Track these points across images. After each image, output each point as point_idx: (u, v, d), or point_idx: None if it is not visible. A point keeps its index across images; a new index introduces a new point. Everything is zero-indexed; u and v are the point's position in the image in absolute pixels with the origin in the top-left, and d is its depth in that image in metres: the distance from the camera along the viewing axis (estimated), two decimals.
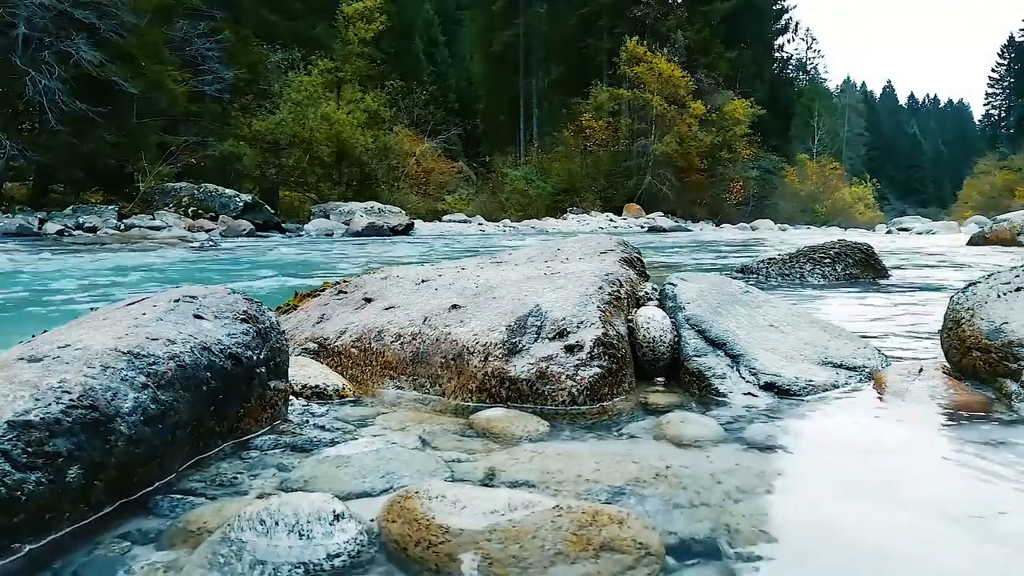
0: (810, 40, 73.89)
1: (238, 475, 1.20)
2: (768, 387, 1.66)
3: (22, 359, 1.11)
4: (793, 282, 4.43)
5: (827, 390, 1.68)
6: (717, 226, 29.70)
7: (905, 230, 20.84)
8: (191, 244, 12.01)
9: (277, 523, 0.87)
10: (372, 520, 0.96)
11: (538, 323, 1.73)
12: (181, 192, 18.41)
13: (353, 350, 1.88)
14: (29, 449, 0.93)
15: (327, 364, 1.86)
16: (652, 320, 1.85)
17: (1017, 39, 73.54)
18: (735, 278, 2.71)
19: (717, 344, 1.81)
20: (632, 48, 34.63)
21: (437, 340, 1.78)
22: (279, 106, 25.74)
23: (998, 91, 78.03)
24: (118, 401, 1.07)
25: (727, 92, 38.18)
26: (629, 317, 1.89)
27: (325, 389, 1.67)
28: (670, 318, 1.89)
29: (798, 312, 2.14)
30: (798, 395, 1.64)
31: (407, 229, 18.57)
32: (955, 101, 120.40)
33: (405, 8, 39.99)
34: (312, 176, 26.73)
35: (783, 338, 1.91)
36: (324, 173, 27.24)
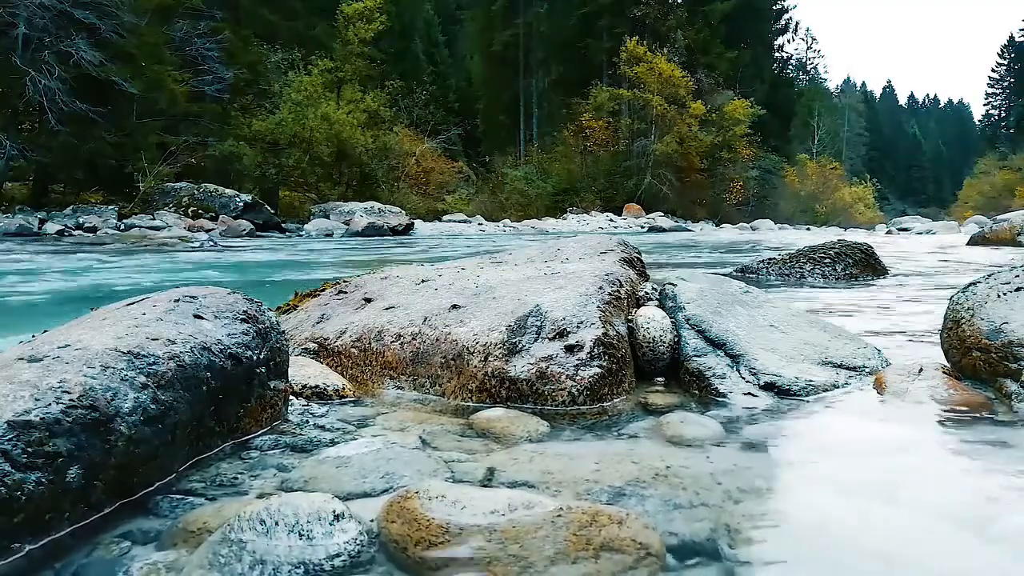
0: (810, 40, 74.05)
1: (238, 475, 1.20)
2: (768, 387, 1.66)
3: (22, 359, 1.11)
4: (793, 282, 4.43)
5: (827, 390, 1.68)
6: (717, 226, 29.68)
7: (905, 230, 20.80)
8: (191, 244, 12.01)
9: (277, 523, 0.87)
10: (372, 520, 0.96)
11: (538, 323, 1.73)
12: (181, 192, 18.39)
13: (353, 350, 1.88)
14: (29, 449, 0.93)
15: (327, 364, 1.86)
16: (652, 320, 1.85)
17: (1017, 39, 73.55)
18: (735, 278, 2.71)
19: (717, 344, 1.81)
20: (632, 48, 34.60)
21: (437, 340, 1.78)
22: (279, 106, 25.73)
23: (998, 91, 78.00)
24: (118, 401, 1.07)
25: (727, 92, 38.17)
26: (629, 317, 1.89)
27: (325, 389, 1.67)
28: (670, 318, 1.89)
29: (798, 312, 2.14)
30: (798, 395, 1.64)
31: (407, 229, 18.56)
32: (955, 101, 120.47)
33: (405, 8, 40.01)
34: (312, 176, 26.71)
35: (783, 338, 1.91)
36: (324, 173, 27.22)
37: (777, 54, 51.23)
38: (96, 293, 5.11)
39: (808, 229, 27.65)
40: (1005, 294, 1.74)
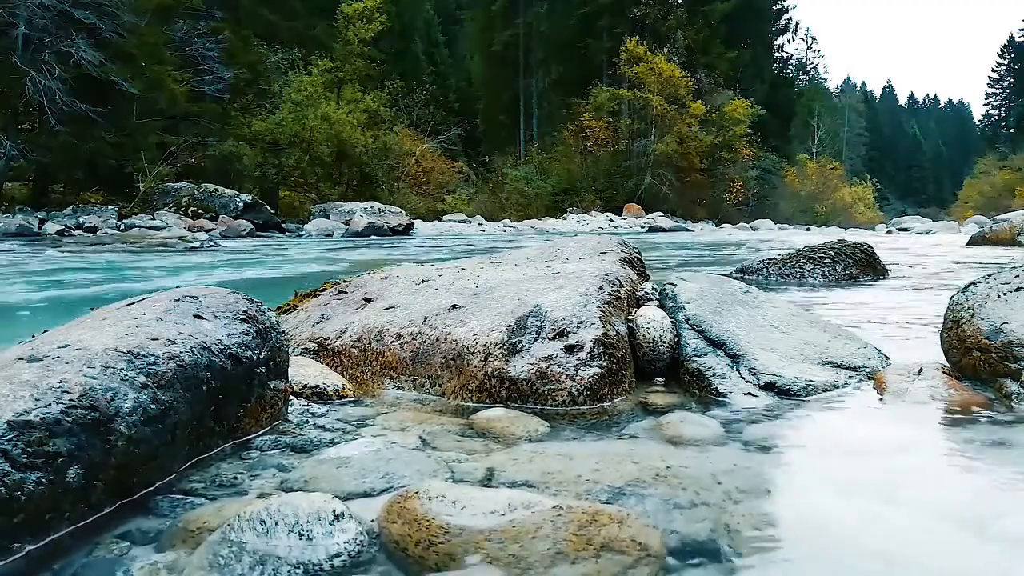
0: (810, 40, 74.12)
1: (238, 475, 1.20)
2: (768, 387, 1.66)
3: (22, 359, 1.11)
4: (793, 282, 4.42)
5: (827, 390, 1.68)
6: (717, 226, 29.67)
7: (905, 230, 20.78)
8: (191, 244, 12.01)
9: (277, 523, 0.87)
10: (372, 520, 0.96)
11: (538, 323, 1.73)
12: (181, 192, 18.39)
13: (353, 350, 1.88)
14: (29, 449, 0.93)
15: (327, 364, 1.86)
16: (652, 320, 1.85)
17: (1017, 39, 73.53)
18: (735, 278, 2.71)
19: (717, 344, 1.81)
20: (632, 48, 34.61)
21: (437, 340, 1.78)
22: (279, 106, 25.74)
23: (998, 91, 77.97)
24: (118, 401, 1.07)
25: (727, 92, 38.18)
26: (629, 317, 1.89)
27: (325, 389, 1.67)
28: (670, 318, 1.89)
29: (798, 312, 2.14)
30: (798, 395, 1.64)
31: (407, 229, 18.55)
32: (955, 101, 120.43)
33: (405, 8, 40.01)
34: (312, 176, 26.70)
35: (783, 338, 1.91)
36: (324, 173, 27.21)
37: (777, 54, 51.25)
38: (96, 293, 5.11)
39: (808, 229, 27.64)
40: (1005, 294, 1.74)
